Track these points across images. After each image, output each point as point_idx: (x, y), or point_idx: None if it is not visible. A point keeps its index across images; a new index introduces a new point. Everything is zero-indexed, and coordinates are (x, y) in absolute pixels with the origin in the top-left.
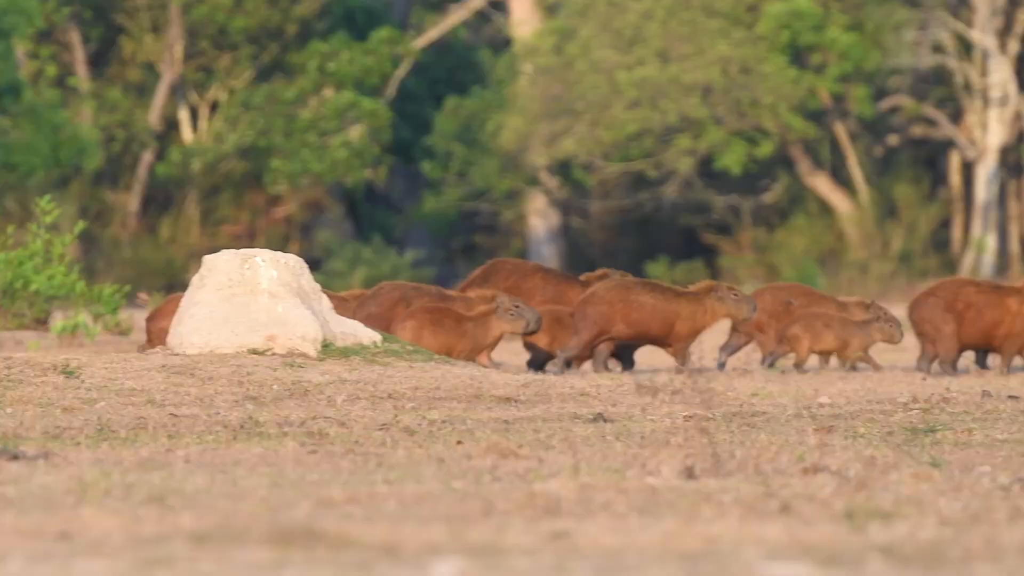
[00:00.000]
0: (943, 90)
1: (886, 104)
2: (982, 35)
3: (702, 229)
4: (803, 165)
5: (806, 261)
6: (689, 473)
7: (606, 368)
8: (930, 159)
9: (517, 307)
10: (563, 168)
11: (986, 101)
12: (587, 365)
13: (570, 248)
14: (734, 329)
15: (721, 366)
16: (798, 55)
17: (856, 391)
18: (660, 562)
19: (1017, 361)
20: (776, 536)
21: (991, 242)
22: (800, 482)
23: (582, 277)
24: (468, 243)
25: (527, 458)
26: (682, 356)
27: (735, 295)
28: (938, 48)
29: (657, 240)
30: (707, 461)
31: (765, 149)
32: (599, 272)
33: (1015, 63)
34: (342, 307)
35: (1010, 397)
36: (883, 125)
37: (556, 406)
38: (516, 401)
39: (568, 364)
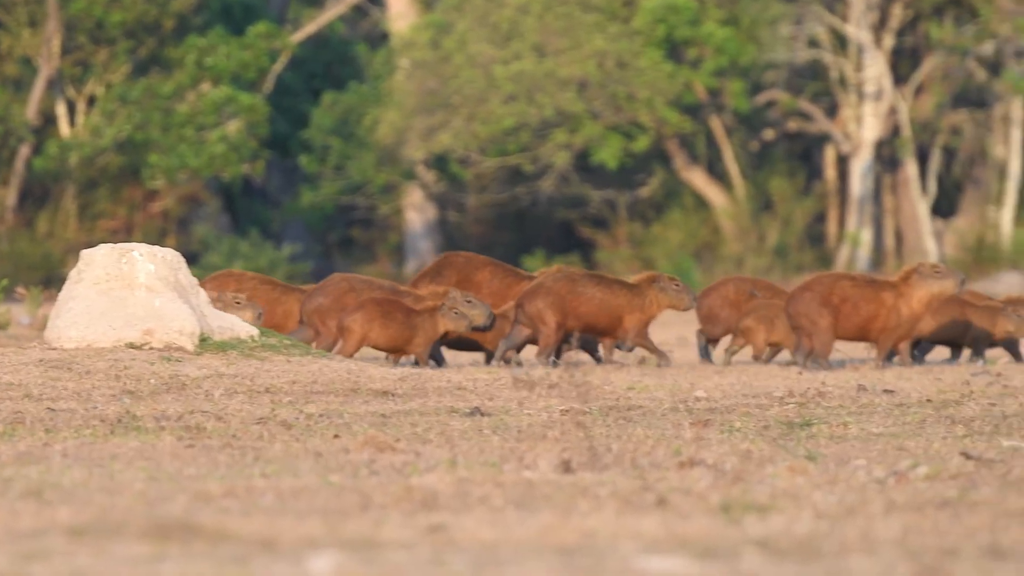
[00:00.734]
0: (818, 84)
1: (762, 98)
2: (857, 30)
3: (578, 223)
4: (679, 159)
5: (682, 255)
6: (566, 467)
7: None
8: (805, 153)
9: (470, 302)
10: (440, 162)
11: (861, 95)
12: (459, 358)
13: (447, 242)
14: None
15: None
16: (674, 49)
17: (732, 385)
18: (537, 555)
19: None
20: (652, 529)
21: (866, 236)
22: (676, 476)
23: (536, 273)
24: (345, 237)
25: (404, 452)
26: (648, 347)
27: (676, 285)
28: (813, 43)
29: (533, 234)
30: (584, 455)
31: (641, 143)
32: (553, 269)
33: (890, 57)
34: (297, 300)
35: (885, 391)
36: (759, 119)
37: (433, 400)
38: (393, 395)
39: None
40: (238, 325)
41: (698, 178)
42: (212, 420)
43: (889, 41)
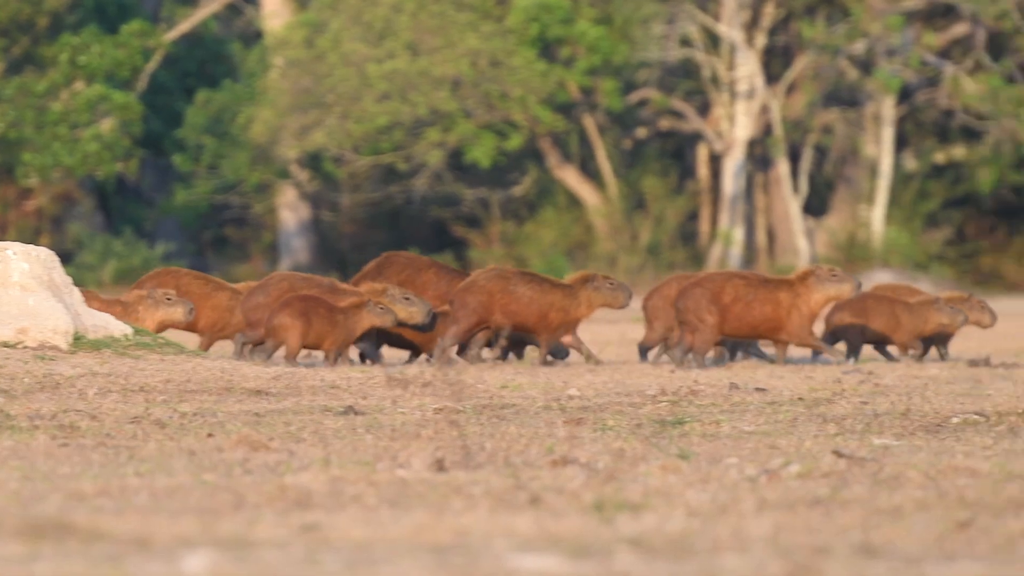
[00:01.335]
0: (691, 83)
1: (634, 97)
2: (729, 29)
3: (452, 222)
4: (552, 158)
5: (555, 254)
6: (439, 465)
7: (480, 358)
8: (678, 152)
9: (408, 299)
10: (313, 161)
11: (733, 94)
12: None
13: (320, 241)
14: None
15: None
16: (547, 48)
17: (605, 383)
18: (410, 554)
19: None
20: (526, 528)
21: (738, 235)
22: (549, 474)
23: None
24: (219, 236)
25: (278, 451)
26: (547, 347)
27: (611, 284)
28: (686, 42)
29: (407, 233)
30: (457, 453)
31: (514, 142)
32: (490, 268)
33: (762, 56)
34: (237, 298)
35: (757, 389)
36: (631, 118)
37: (307, 399)
38: (267, 394)
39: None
40: (112, 324)
41: (571, 177)
42: (86, 419)
43: (761, 40)
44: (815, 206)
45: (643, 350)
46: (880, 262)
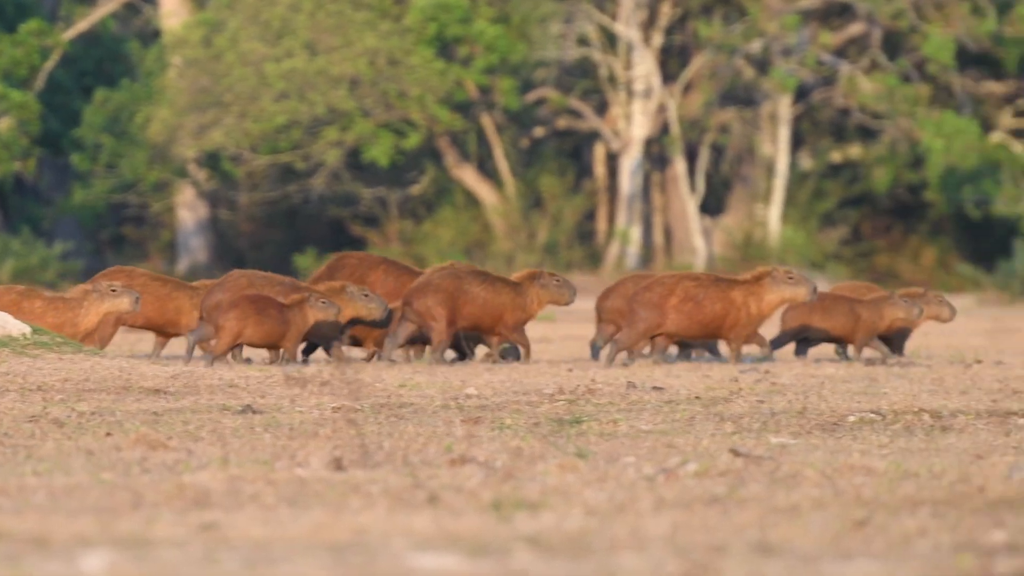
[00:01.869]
0: (588, 82)
1: (532, 96)
2: (626, 28)
3: (350, 221)
4: (450, 157)
5: (453, 252)
6: (337, 464)
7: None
8: (575, 151)
9: (367, 296)
10: (211, 160)
11: (630, 93)
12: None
13: (218, 240)
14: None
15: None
16: (445, 47)
17: (503, 382)
18: (309, 553)
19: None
20: (424, 527)
21: (635, 233)
22: (448, 473)
23: (427, 271)
24: (117, 235)
25: (176, 450)
26: (522, 342)
27: (557, 281)
28: (583, 41)
29: (305, 232)
30: (355, 452)
31: (412, 141)
32: (446, 264)
33: (659, 56)
34: (197, 296)
35: (654, 388)
36: (529, 117)
37: (205, 398)
38: (165, 393)
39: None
40: (10, 323)
41: (469, 176)
42: None
43: (658, 39)
44: (712, 205)
45: (595, 349)
46: (776, 261)
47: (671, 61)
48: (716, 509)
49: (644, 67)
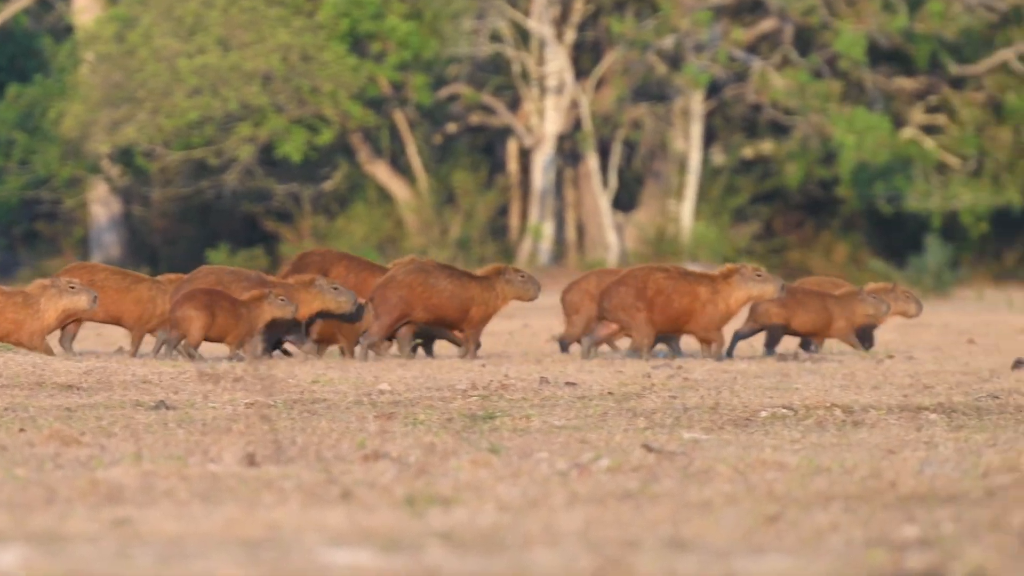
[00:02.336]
0: (501, 78)
1: (445, 92)
2: (539, 24)
3: (263, 216)
4: (363, 153)
5: (365, 248)
6: (250, 460)
7: (414, 352)
8: (488, 147)
9: (336, 289)
10: (125, 156)
11: (543, 89)
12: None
13: (131, 236)
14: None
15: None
16: (358, 43)
17: (416, 378)
18: (222, 548)
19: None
20: (337, 522)
21: (548, 229)
22: (361, 468)
23: (390, 265)
24: (30, 231)
25: (89, 445)
26: (473, 341)
27: (522, 276)
28: (496, 37)
29: (218, 227)
30: (268, 448)
31: (325, 137)
32: (406, 259)
33: (571, 52)
34: (156, 290)
35: (567, 384)
36: (442, 113)
37: (118, 393)
38: (78, 388)
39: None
40: None
41: (382, 171)
42: None
43: (571, 35)
44: (624, 201)
45: (564, 345)
46: (689, 256)
47: (584, 57)
48: (629, 504)
49: (557, 63)
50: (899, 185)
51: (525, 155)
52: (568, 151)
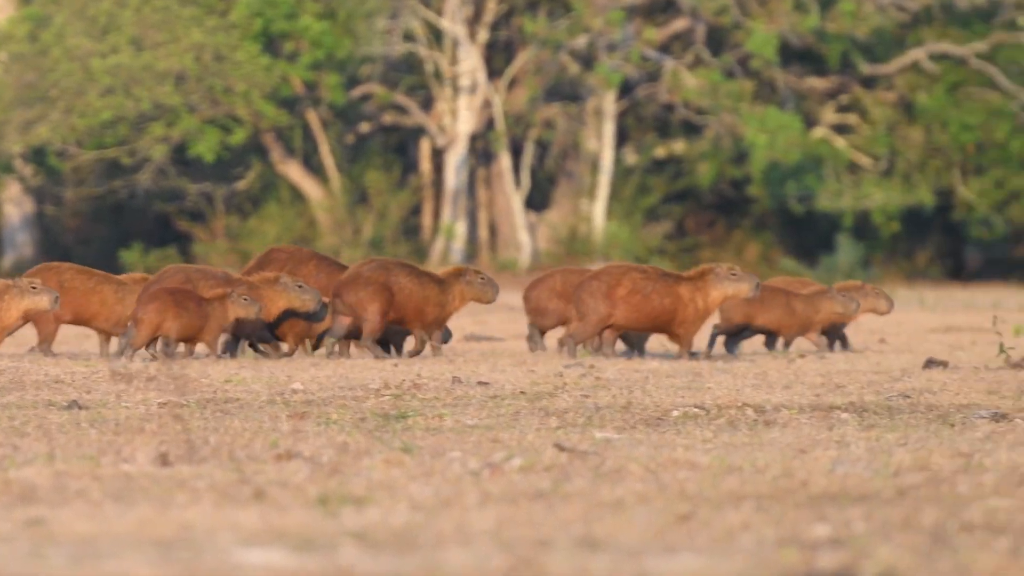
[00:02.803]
0: (414, 78)
1: (358, 92)
2: (452, 24)
3: (176, 216)
4: (276, 152)
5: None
6: (163, 460)
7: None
8: (401, 146)
9: (301, 287)
10: (37, 155)
11: (456, 89)
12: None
13: (44, 235)
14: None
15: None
16: (271, 43)
17: (329, 377)
18: (135, 548)
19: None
20: (250, 522)
21: (460, 229)
22: (274, 468)
23: (353, 265)
24: None
25: (1, 445)
26: (421, 341)
27: (482, 278)
28: (409, 37)
29: (131, 227)
30: (181, 447)
31: (238, 136)
32: (368, 259)
33: (484, 51)
34: (123, 290)
35: (479, 383)
36: (355, 113)
37: (31, 393)
38: None
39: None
40: None
41: (294, 171)
42: None
43: (484, 35)
44: (537, 200)
45: (532, 345)
46: (601, 256)
47: (496, 57)
48: (541, 504)
49: (469, 63)
50: (811, 184)
51: (438, 155)
52: (481, 151)
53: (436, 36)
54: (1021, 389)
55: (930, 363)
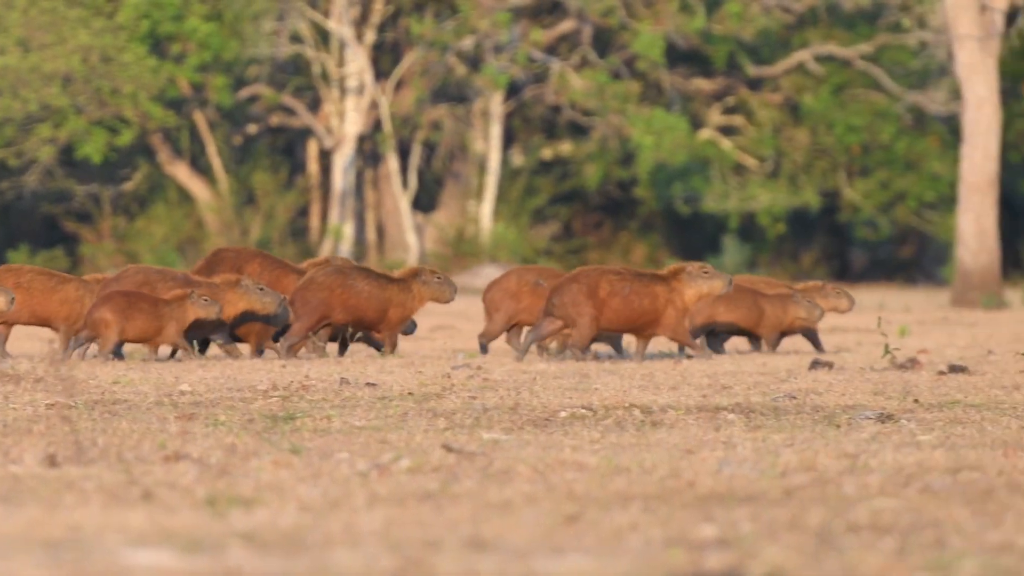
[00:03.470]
0: (301, 79)
1: (245, 93)
2: (339, 25)
3: (63, 217)
4: (163, 154)
5: (165, 249)
6: (51, 461)
7: (324, 352)
8: (288, 148)
9: (262, 290)
10: None
11: (343, 90)
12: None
13: None
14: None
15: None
16: (158, 44)
17: (216, 379)
18: (23, 550)
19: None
20: (139, 523)
21: (348, 230)
22: (162, 469)
23: (303, 264)
24: None
25: None
26: (391, 342)
27: (438, 278)
28: (296, 38)
29: (18, 228)
30: (69, 449)
31: (125, 138)
32: (321, 259)
33: (371, 53)
34: (84, 290)
35: (367, 384)
36: (242, 114)
37: None
38: None
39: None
40: None
41: (182, 172)
42: None
43: (371, 36)
44: (424, 202)
45: (483, 344)
46: (488, 257)
47: (384, 58)
48: (429, 505)
49: (357, 64)
50: (697, 186)
51: (325, 156)
52: (368, 152)
53: (323, 37)
54: (906, 390)
55: (816, 364)
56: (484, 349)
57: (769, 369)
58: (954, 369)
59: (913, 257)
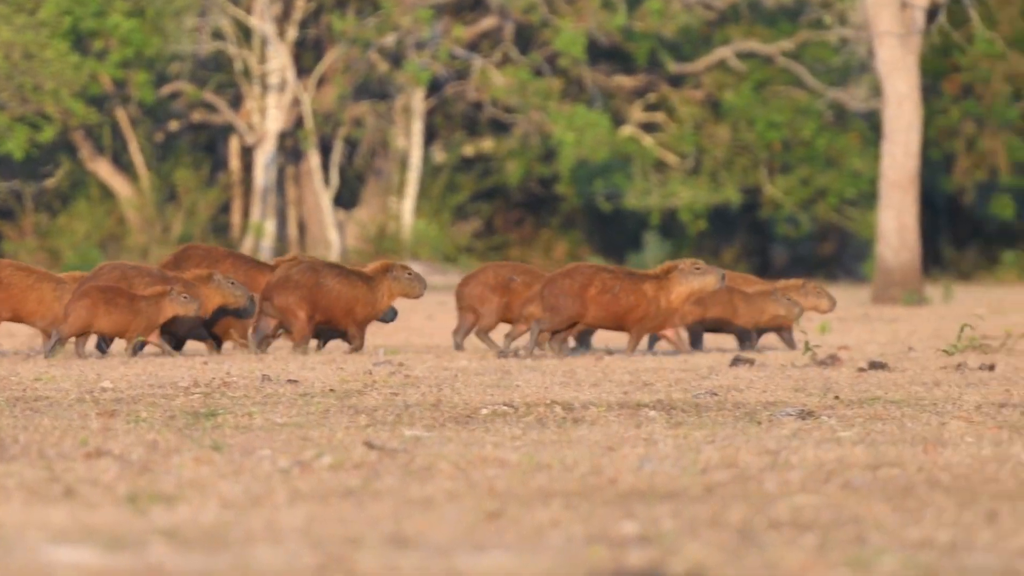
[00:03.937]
0: (223, 76)
1: (167, 90)
2: (261, 22)
3: None
4: (85, 150)
5: (87, 246)
6: None
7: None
8: (210, 144)
9: (232, 284)
10: None
11: (265, 87)
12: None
13: None
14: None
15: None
16: (80, 41)
17: (138, 375)
18: None
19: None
20: (60, 520)
21: (270, 227)
22: (83, 466)
23: (273, 261)
24: None
25: None
26: (360, 339)
27: (408, 274)
28: (218, 34)
29: None
30: None
31: (47, 134)
32: (289, 256)
33: (293, 49)
34: (62, 288)
35: (289, 381)
36: (164, 111)
37: None
38: None
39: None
40: None
41: (104, 169)
42: None
43: (292, 33)
44: (346, 198)
45: (458, 343)
46: (410, 254)
47: (305, 55)
48: (351, 501)
49: (278, 61)
50: (618, 183)
51: (247, 153)
52: (290, 149)
53: (245, 34)
54: (827, 387)
55: (737, 361)
56: (459, 347)
57: (690, 366)
58: (874, 366)
59: (834, 254)
